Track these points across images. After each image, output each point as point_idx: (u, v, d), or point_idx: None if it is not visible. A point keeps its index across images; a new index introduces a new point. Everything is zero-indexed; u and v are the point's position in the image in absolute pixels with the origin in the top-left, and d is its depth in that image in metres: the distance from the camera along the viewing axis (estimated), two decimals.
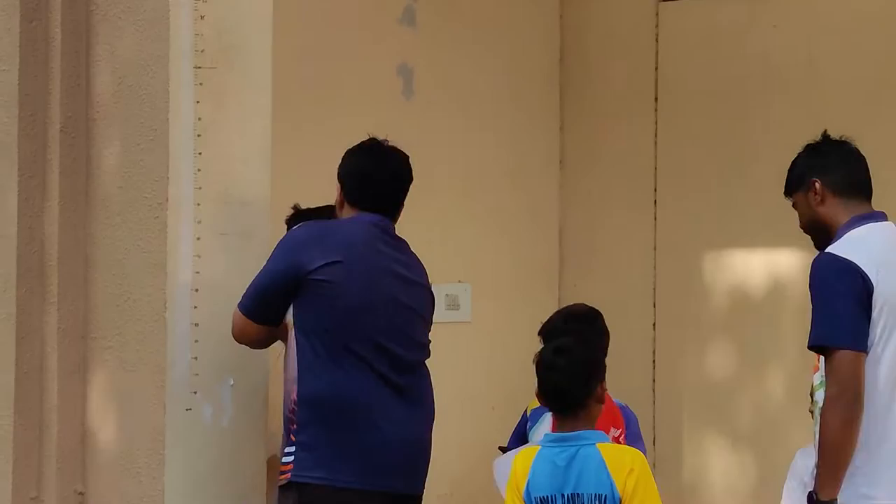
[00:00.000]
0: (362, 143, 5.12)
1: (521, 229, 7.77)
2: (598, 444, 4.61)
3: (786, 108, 7.14)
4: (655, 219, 7.60)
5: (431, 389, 5.01)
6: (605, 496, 4.53)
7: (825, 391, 4.28)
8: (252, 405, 5.29)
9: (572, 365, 4.70)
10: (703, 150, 7.42)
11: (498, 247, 7.65)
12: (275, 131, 5.47)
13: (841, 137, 4.73)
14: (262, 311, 4.93)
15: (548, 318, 5.77)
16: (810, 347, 4.35)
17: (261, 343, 5.07)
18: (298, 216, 5.46)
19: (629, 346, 4.96)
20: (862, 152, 4.72)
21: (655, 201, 7.62)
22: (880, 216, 4.56)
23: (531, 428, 5.67)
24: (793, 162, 4.73)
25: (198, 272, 5.26)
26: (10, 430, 5.49)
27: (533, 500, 4.60)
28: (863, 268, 4.28)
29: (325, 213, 5.30)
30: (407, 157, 5.12)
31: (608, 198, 7.79)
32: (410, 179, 5.12)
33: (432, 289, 5.24)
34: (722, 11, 7.46)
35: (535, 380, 5.41)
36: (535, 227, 7.85)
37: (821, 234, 4.56)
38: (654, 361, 7.43)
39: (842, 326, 4.24)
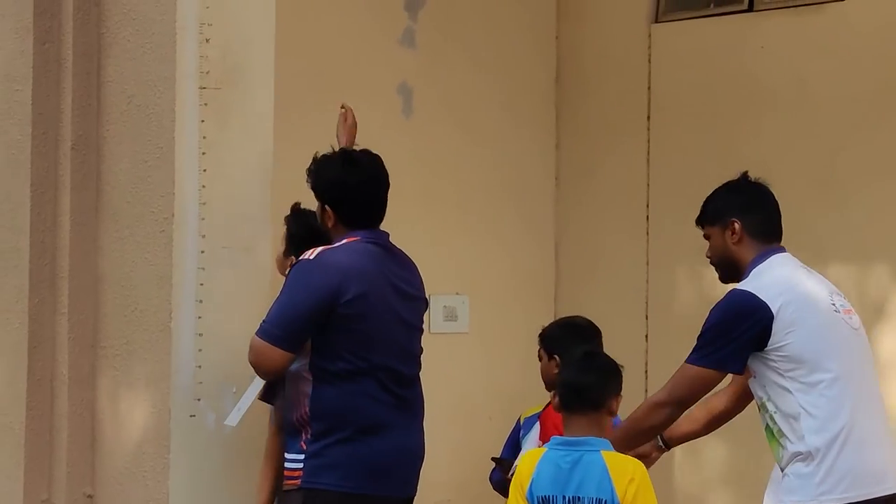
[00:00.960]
0: (326, 155, 5.11)
1: (517, 243, 7.81)
2: (602, 451, 4.70)
3: (775, 126, 7.21)
4: (648, 233, 7.64)
5: (423, 399, 5.12)
6: (605, 501, 4.63)
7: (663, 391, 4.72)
8: (253, 412, 5.31)
9: (599, 368, 4.85)
10: (694, 166, 7.43)
11: (495, 260, 7.70)
12: (276, 149, 5.56)
13: (757, 179, 4.87)
14: (293, 339, 4.84)
15: (548, 324, 5.81)
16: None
17: (281, 370, 4.95)
18: (298, 216, 5.39)
19: (622, 357, 5.02)
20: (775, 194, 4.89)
21: (648, 216, 7.66)
22: (780, 249, 4.80)
23: (524, 436, 5.74)
24: (712, 195, 4.89)
25: (202, 284, 5.35)
26: (22, 435, 5.57)
27: (536, 499, 4.69)
28: (761, 296, 4.55)
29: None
30: (380, 158, 5.14)
31: (602, 212, 7.81)
32: (387, 178, 5.14)
33: (431, 300, 5.35)
34: (712, 32, 7.52)
35: (528, 388, 5.54)
36: (532, 241, 7.89)
37: (729, 268, 4.80)
38: (646, 372, 7.47)
39: (704, 349, 4.64)
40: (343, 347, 4.84)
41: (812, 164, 7.12)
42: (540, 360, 5.67)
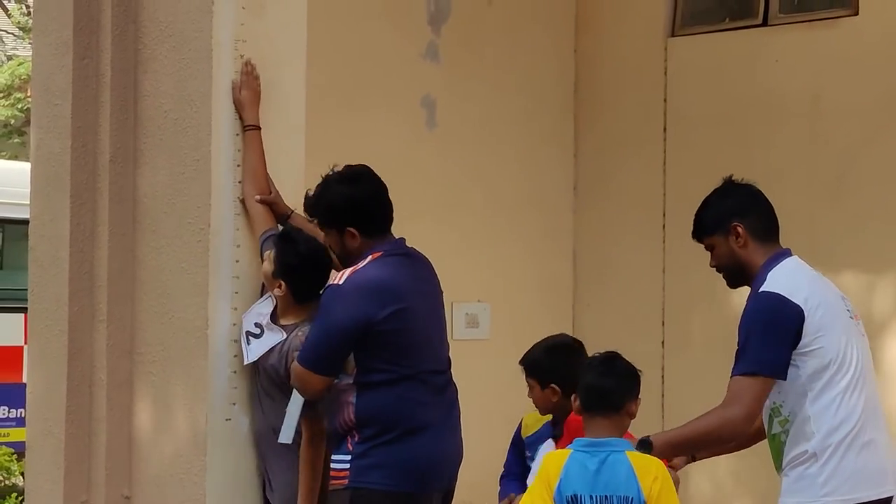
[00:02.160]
0: (324, 179, 5.11)
1: (537, 252, 7.93)
2: (626, 452, 4.76)
3: (788, 137, 7.33)
4: (664, 241, 7.77)
5: (457, 394, 5.22)
6: (633, 499, 4.69)
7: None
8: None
9: (621, 371, 4.89)
10: (708, 177, 7.13)
11: (516, 268, 7.81)
12: (307, 161, 5.63)
13: (743, 180, 4.85)
14: (328, 365, 4.96)
15: (529, 352, 5.49)
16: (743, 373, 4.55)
17: (322, 391, 5.03)
18: (287, 242, 5.31)
19: (638, 363, 5.09)
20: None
21: (664, 225, 7.79)
22: (789, 253, 4.78)
23: (533, 441, 5.62)
24: (704, 205, 4.84)
25: (236, 292, 5.41)
26: (62, 439, 5.63)
27: (564, 498, 4.75)
28: (792, 298, 4.53)
29: None
30: (371, 169, 5.15)
31: (619, 222, 7.94)
32: (384, 185, 5.15)
33: (453, 307, 5.42)
34: (727, 46, 7.66)
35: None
36: (551, 250, 8.00)
37: (739, 273, 4.75)
38: (662, 377, 7.59)
39: (752, 356, 4.51)
40: (384, 360, 4.96)
41: (824, 174, 7.24)
42: (531, 389, 5.49)
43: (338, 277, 5.00)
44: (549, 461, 4.89)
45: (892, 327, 6.96)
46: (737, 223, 4.71)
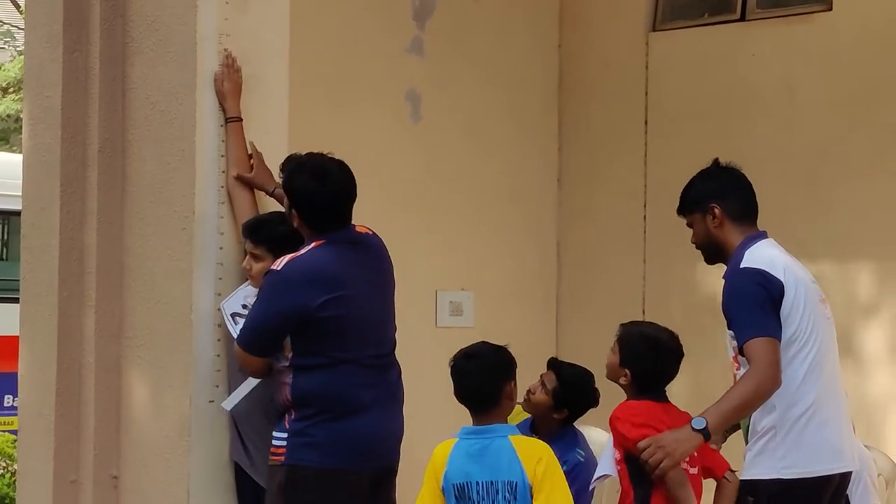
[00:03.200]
0: (299, 160, 5.18)
1: (521, 242, 8.00)
2: (510, 436, 4.88)
3: (765, 129, 7.44)
4: (645, 232, 7.87)
5: (400, 375, 5.25)
6: (517, 483, 4.79)
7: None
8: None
9: (483, 368, 4.99)
10: (689, 168, 7.18)
11: (500, 258, 7.88)
12: (290, 152, 5.57)
13: (729, 164, 5.01)
14: (262, 347, 5.08)
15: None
16: (740, 348, 4.65)
17: (261, 372, 5.16)
18: (257, 229, 5.41)
19: None
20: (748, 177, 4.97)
21: (645, 216, 7.89)
22: (765, 235, 4.94)
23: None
24: (689, 185, 5.04)
25: (220, 278, 5.50)
26: (52, 421, 5.72)
27: (452, 486, 4.87)
28: (773, 272, 4.71)
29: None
30: (347, 166, 5.18)
31: (602, 213, 8.03)
32: (355, 186, 5.18)
33: (437, 295, 5.42)
34: (706, 41, 7.77)
35: (531, 381, 5.58)
36: (535, 240, 8.08)
37: (714, 251, 4.95)
38: None
39: (757, 322, 4.63)
40: (320, 345, 5.03)
41: (799, 165, 7.36)
42: (540, 390, 5.63)
43: (277, 263, 5.06)
44: (436, 452, 4.97)
45: (862, 314, 7.09)
46: (715, 204, 4.90)
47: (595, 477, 5.27)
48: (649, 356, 5.16)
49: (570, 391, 5.60)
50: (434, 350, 7.44)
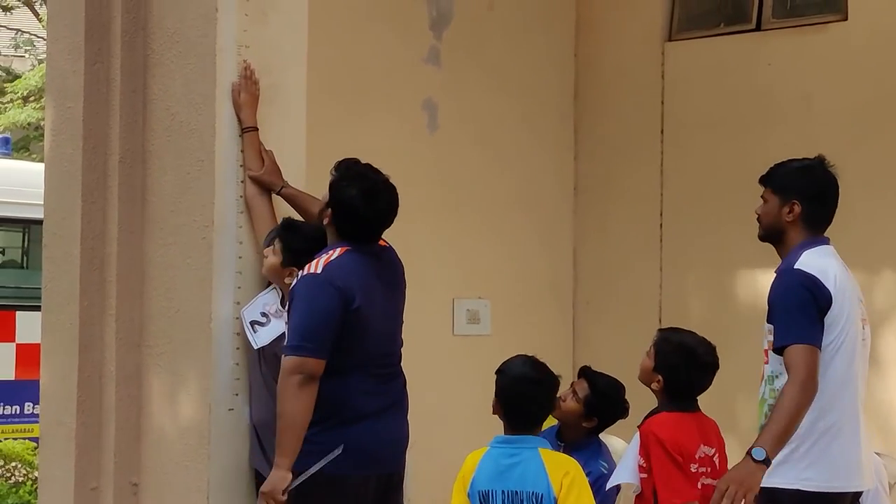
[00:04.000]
0: (356, 171, 5.21)
1: (538, 250, 8.03)
2: (539, 449, 4.93)
3: (781, 138, 7.41)
4: (661, 240, 7.89)
5: (405, 385, 5.29)
6: (542, 495, 4.83)
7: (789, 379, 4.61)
8: None
9: (550, 396, 5.08)
10: (704, 178, 7.69)
11: (516, 266, 7.90)
12: (308, 161, 5.76)
13: (832, 167, 4.96)
14: (325, 347, 5.01)
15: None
16: (778, 348, 4.66)
17: (316, 377, 5.03)
18: (293, 230, 5.43)
19: (637, 360, 5.24)
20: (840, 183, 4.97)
21: (661, 224, 7.90)
22: (827, 241, 4.95)
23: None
24: (785, 166, 4.94)
25: (239, 287, 5.54)
26: (73, 429, 5.77)
27: (476, 493, 4.92)
28: (824, 282, 4.71)
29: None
30: (395, 191, 5.24)
31: (618, 221, 8.05)
32: (397, 211, 5.24)
33: (454, 303, 5.43)
34: (722, 50, 7.78)
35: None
36: (551, 249, 8.10)
37: (774, 236, 4.89)
38: None
39: (802, 327, 4.62)
40: (337, 351, 5.05)
41: None
42: (572, 397, 5.62)
43: (314, 266, 5.08)
44: (467, 459, 5.02)
45: (879, 321, 7.08)
46: (797, 202, 4.85)
47: (611, 483, 5.29)
48: (683, 366, 5.17)
49: (602, 400, 5.60)
50: (451, 358, 7.51)
